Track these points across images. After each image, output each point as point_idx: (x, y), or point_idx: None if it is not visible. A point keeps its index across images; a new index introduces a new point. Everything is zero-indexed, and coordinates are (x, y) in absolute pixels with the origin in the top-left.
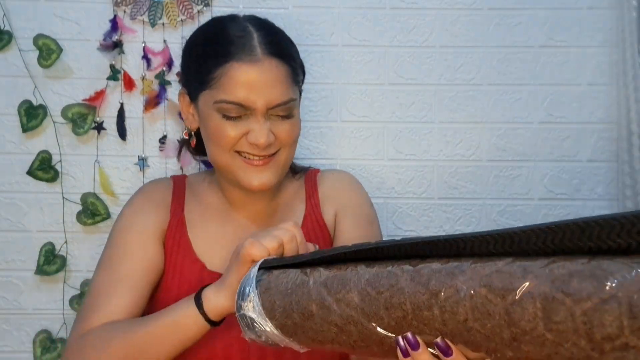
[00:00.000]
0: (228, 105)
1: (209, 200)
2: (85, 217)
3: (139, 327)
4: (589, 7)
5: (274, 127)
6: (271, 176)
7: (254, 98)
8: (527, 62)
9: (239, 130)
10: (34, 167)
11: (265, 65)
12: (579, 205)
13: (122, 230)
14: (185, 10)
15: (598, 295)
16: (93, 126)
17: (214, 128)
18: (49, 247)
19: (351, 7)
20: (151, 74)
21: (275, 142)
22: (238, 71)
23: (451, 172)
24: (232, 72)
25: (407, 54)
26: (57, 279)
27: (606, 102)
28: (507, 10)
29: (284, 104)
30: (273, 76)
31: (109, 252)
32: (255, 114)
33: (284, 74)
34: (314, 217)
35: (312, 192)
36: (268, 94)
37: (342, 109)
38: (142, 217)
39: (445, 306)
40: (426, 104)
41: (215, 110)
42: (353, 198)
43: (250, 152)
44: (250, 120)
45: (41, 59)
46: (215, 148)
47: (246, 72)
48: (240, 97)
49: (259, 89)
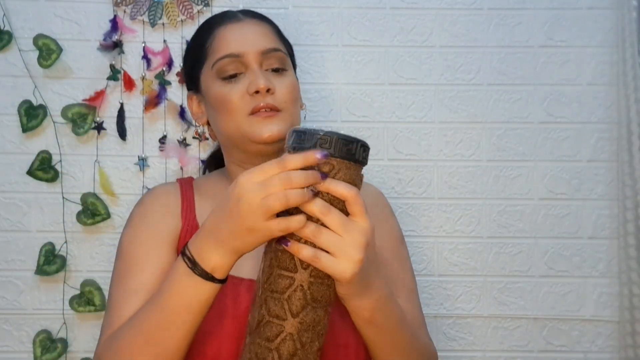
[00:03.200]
0: (223, 61)
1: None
2: (85, 217)
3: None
4: (589, 7)
5: (270, 79)
6: (279, 125)
7: (244, 45)
8: (527, 62)
9: (239, 88)
10: (34, 167)
11: (248, 22)
12: (579, 205)
13: (132, 239)
14: (185, 10)
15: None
16: (93, 126)
17: (217, 96)
18: (49, 247)
19: (351, 7)
20: (151, 74)
21: (275, 94)
22: (224, 31)
23: (451, 172)
24: (219, 34)
25: (407, 54)
26: (57, 279)
27: (606, 102)
28: (507, 10)
29: (273, 50)
30: (258, 29)
31: (122, 265)
32: (249, 65)
33: (267, 29)
34: None
35: None
36: (256, 42)
37: (342, 109)
38: (152, 224)
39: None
40: (426, 104)
41: (215, 75)
42: (385, 218)
43: (256, 104)
44: (247, 75)
45: (41, 59)
46: (225, 117)
47: (231, 29)
48: (232, 48)
49: (247, 39)
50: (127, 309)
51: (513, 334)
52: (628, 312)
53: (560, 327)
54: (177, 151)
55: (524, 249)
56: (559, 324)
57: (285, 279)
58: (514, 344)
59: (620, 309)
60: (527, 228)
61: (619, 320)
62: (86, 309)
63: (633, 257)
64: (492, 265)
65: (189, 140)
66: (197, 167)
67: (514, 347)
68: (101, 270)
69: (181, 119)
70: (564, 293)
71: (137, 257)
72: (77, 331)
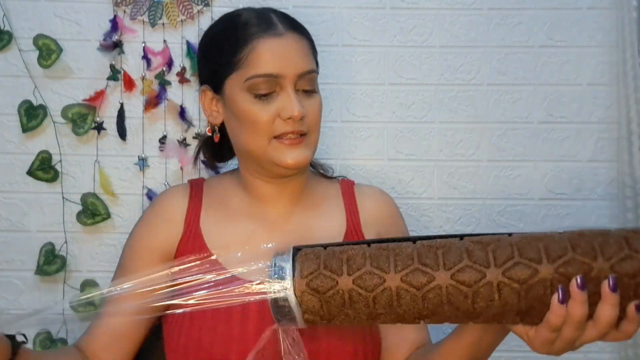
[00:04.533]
0: (259, 79)
1: (232, 204)
2: (85, 217)
3: None
4: (589, 7)
5: (302, 103)
6: (305, 154)
7: (284, 67)
8: (527, 62)
9: (271, 110)
10: (34, 167)
11: (289, 38)
12: (579, 205)
13: (130, 245)
14: (185, 10)
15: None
16: (93, 126)
17: (245, 112)
18: (49, 247)
19: (351, 7)
20: (151, 74)
21: (305, 120)
22: (265, 45)
23: (451, 172)
24: (259, 47)
25: (407, 54)
26: (57, 279)
27: (606, 102)
28: (507, 10)
29: (310, 72)
30: (297, 47)
31: (117, 270)
32: (284, 87)
33: (306, 46)
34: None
35: (351, 206)
36: (296, 63)
37: (342, 109)
38: (149, 234)
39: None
40: (426, 104)
41: (246, 90)
42: (396, 224)
43: (285, 130)
44: (281, 97)
45: (41, 59)
46: (250, 135)
47: (273, 45)
48: (271, 68)
49: (287, 58)
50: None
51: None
52: None
53: None
54: (177, 151)
55: None
56: None
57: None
58: (514, 344)
59: None
60: (528, 228)
61: None
62: (86, 309)
63: None
64: None
65: (189, 140)
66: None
67: (514, 346)
68: (101, 271)
69: (181, 119)
70: None
71: (126, 264)
72: (77, 331)
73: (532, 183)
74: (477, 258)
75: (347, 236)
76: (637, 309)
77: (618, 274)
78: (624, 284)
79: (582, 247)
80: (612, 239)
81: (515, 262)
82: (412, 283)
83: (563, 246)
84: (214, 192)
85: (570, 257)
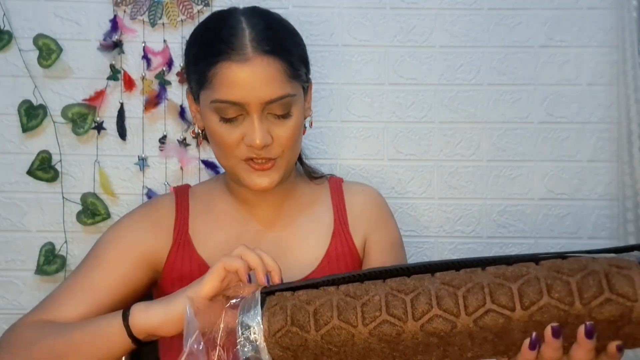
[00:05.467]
0: (223, 105)
1: (220, 209)
2: (85, 217)
3: (66, 333)
4: (589, 7)
5: (271, 128)
6: (273, 178)
7: (247, 95)
8: (527, 62)
9: (236, 134)
10: (34, 167)
11: (256, 64)
12: (579, 205)
13: (111, 241)
14: (185, 10)
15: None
16: (93, 126)
17: (213, 131)
18: (49, 247)
19: (351, 7)
20: (151, 74)
21: (273, 145)
22: (228, 70)
23: (451, 172)
24: (222, 72)
25: (407, 54)
26: (57, 279)
27: (606, 102)
28: (507, 10)
29: (279, 99)
30: (265, 73)
31: (89, 259)
32: (250, 112)
33: (277, 70)
34: (344, 239)
35: (338, 204)
36: (260, 91)
37: (342, 109)
38: (133, 233)
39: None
40: (426, 104)
41: (213, 110)
42: (384, 221)
43: (250, 156)
44: (246, 121)
45: (41, 59)
46: (219, 152)
47: (236, 71)
48: (233, 96)
49: (252, 87)
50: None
51: None
52: None
53: None
54: (177, 151)
55: (524, 250)
56: None
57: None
58: None
59: None
60: (527, 228)
61: None
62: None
63: None
64: None
65: (189, 140)
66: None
67: None
68: None
69: (181, 119)
70: None
71: (104, 261)
72: None
73: (532, 183)
74: (447, 306)
75: (335, 235)
76: (618, 349)
77: (596, 320)
78: (602, 329)
79: (558, 290)
80: (592, 277)
81: (487, 310)
82: (380, 336)
83: (538, 289)
84: (200, 199)
85: (545, 303)
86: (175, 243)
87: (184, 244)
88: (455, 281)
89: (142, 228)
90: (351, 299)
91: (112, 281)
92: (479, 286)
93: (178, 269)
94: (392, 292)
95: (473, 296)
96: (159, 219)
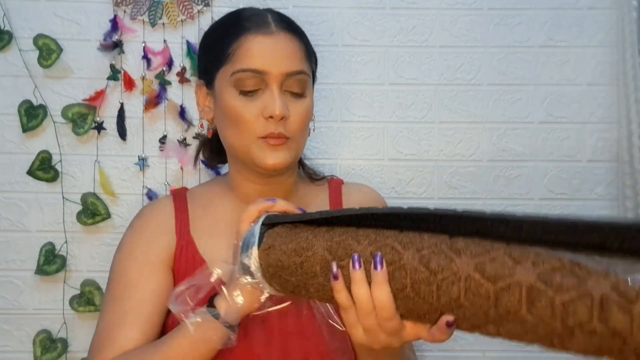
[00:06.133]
0: (245, 74)
1: (220, 211)
2: (85, 217)
3: (156, 350)
4: (589, 7)
5: (288, 104)
6: (285, 156)
7: (269, 65)
8: (527, 62)
9: (255, 109)
10: (34, 167)
11: (280, 37)
12: (579, 205)
13: (123, 261)
14: (185, 10)
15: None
16: (93, 126)
17: (230, 108)
18: (49, 247)
19: (351, 7)
20: (151, 74)
21: (289, 121)
22: (253, 41)
23: (451, 172)
24: (247, 43)
25: (407, 54)
26: (57, 279)
27: (606, 102)
28: (507, 10)
29: (298, 73)
30: (287, 47)
31: (114, 287)
32: (270, 84)
33: (297, 47)
34: None
35: (336, 205)
36: (282, 62)
37: (342, 109)
38: (144, 245)
39: (441, 285)
40: (426, 104)
41: (232, 84)
42: None
43: (267, 132)
44: (265, 94)
45: (41, 59)
46: (234, 132)
47: (261, 42)
48: (257, 63)
49: (274, 57)
50: (120, 334)
51: None
52: None
53: None
54: (177, 151)
55: None
56: None
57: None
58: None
59: None
60: None
61: None
62: (86, 308)
63: None
64: None
65: (189, 140)
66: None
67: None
68: (101, 270)
69: (181, 119)
70: None
71: (130, 281)
72: (77, 331)
73: (532, 183)
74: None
75: None
76: (447, 324)
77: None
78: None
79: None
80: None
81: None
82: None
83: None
84: (199, 200)
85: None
86: (179, 243)
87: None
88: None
89: (147, 235)
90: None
91: (149, 295)
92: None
93: (183, 269)
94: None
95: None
96: (159, 222)
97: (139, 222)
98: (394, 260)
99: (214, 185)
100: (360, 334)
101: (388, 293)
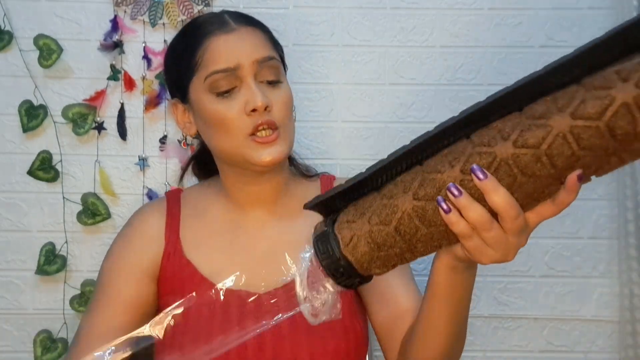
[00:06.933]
0: (218, 75)
1: (212, 214)
2: (85, 217)
3: None
4: (589, 7)
5: (267, 94)
6: (279, 149)
7: (239, 57)
8: (527, 62)
9: (235, 107)
10: (35, 167)
11: (242, 31)
12: (579, 205)
13: (110, 271)
14: (185, 10)
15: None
16: (93, 126)
17: (211, 113)
18: (49, 247)
19: (351, 7)
20: (151, 74)
21: (273, 109)
22: (218, 42)
23: None
24: (212, 45)
25: (407, 54)
26: (57, 279)
27: None
28: (507, 10)
29: (269, 58)
30: (251, 37)
31: (97, 295)
32: (244, 79)
33: (261, 36)
34: None
35: None
36: (251, 52)
37: (342, 109)
38: (129, 253)
39: (550, 152)
40: (426, 104)
41: (208, 89)
42: None
43: (255, 124)
44: (243, 90)
45: (41, 59)
46: (222, 136)
47: (225, 40)
48: (226, 62)
49: (242, 50)
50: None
51: (513, 334)
52: (628, 312)
53: (560, 327)
54: (177, 151)
55: (524, 249)
56: (559, 324)
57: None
58: (514, 344)
59: (620, 309)
60: None
61: (619, 321)
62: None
63: (633, 257)
64: (492, 264)
65: (189, 141)
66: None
67: (514, 347)
68: None
69: None
70: (564, 293)
71: (111, 290)
72: None
73: None
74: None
75: None
76: (579, 178)
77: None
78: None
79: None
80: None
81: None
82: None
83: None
84: (192, 202)
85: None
86: (166, 249)
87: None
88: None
89: (132, 244)
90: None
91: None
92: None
93: (170, 275)
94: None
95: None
96: (147, 228)
97: (128, 231)
98: (489, 162)
99: (207, 187)
100: (492, 253)
101: (505, 193)
